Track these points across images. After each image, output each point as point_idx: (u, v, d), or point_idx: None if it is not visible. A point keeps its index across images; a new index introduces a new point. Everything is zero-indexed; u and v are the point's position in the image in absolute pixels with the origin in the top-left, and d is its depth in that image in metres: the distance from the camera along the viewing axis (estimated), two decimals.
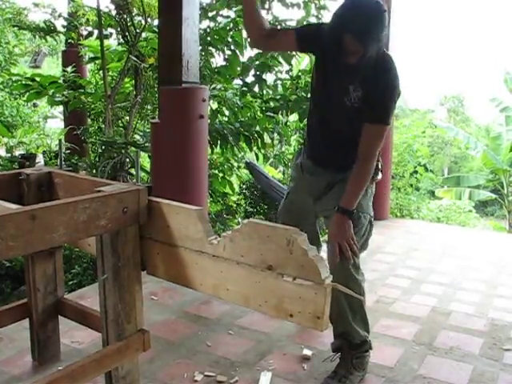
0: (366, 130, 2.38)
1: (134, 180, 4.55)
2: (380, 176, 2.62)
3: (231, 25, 5.72)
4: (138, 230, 1.99)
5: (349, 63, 2.31)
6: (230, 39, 5.72)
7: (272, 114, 5.92)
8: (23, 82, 6.46)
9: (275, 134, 6.18)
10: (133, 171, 5.10)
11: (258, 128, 5.83)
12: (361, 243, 2.51)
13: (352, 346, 2.55)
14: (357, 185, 2.42)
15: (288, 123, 6.64)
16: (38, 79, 6.47)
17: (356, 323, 2.52)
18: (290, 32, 2.61)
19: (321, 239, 3.05)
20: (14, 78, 6.87)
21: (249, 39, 2.85)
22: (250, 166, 5.99)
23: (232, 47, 5.79)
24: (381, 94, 2.35)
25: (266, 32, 2.56)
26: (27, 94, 6.57)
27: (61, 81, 6.74)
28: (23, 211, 1.62)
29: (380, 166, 2.60)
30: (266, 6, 6.08)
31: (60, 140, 2.69)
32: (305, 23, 6.18)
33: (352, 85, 2.38)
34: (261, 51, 5.97)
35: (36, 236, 1.64)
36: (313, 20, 6.23)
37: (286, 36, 2.60)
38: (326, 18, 6.29)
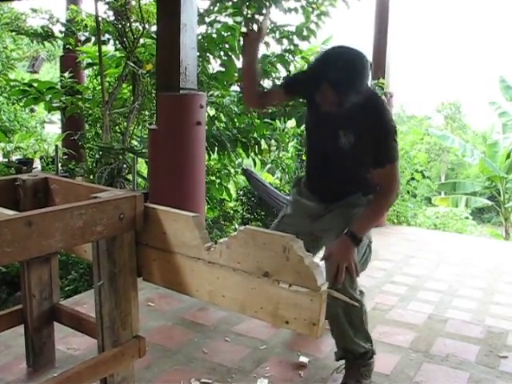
0: (379, 174, 2.44)
1: (131, 186, 4.54)
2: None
3: (227, 31, 5.71)
4: (134, 237, 1.99)
5: (331, 111, 2.36)
6: (226, 45, 5.71)
7: (269, 121, 5.92)
8: (21, 88, 6.45)
9: (272, 141, 6.17)
10: (130, 177, 5.10)
11: (255, 134, 5.83)
12: (359, 265, 2.50)
13: (357, 357, 2.53)
14: (373, 216, 2.50)
15: (285, 129, 6.63)
16: (35, 85, 6.47)
17: (358, 338, 2.50)
18: (277, 90, 2.82)
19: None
20: (11, 84, 6.85)
21: (244, 100, 2.97)
22: (246, 173, 5.98)
23: (228, 53, 5.78)
24: (383, 136, 2.40)
25: (259, 94, 2.77)
26: (25, 99, 6.56)
27: (58, 86, 6.74)
28: (19, 217, 1.62)
29: None
30: (264, 11, 6.08)
31: (57, 146, 2.70)
32: (304, 29, 6.19)
33: (342, 130, 2.44)
34: (258, 58, 5.98)
35: (32, 242, 1.63)
36: (312, 27, 6.23)
37: (276, 94, 2.82)
38: (327, 24, 6.32)
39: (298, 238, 1.66)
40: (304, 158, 6.60)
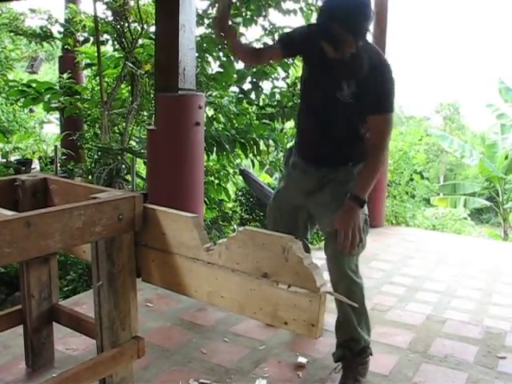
0: (374, 121, 2.43)
1: (130, 187, 4.54)
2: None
3: None
4: (133, 237, 1.99)
5: (340, 58, 2.35)
6: (225, 46, 5.71)
7: (268, 122, 5.93)
8: (19, 88, 6.45)
9: (271, 141, 6.18)
10: (129, 178, 5.10)
11: (253, 135, 5.83)
12: (360, 244, 2.48)
13: (355, 354, 2.55)
14: (371, 174, 2.46)
15: (284, 130, 6.64)
16: (34, 85, 6.47)
17: (361, 328, 2.53)
18: (275, 49, 2.74)
19: (310, 247, 3.01)
20: (10, 84, 6.85)
21: (238, 57, 2.92)
22: (243, 174, 5.99)
23: (227, 54, 5.78)
24: (383, 85, 2.40)
25: (252, 51, 2.77)
26: (23, 99, 6.56)
27: (57, 87, 6.74)
28: (18, 218, 1.62)
29: None
30: (263, 13, 6.09)
31: (56, 146, 2.68)
32: None
33: (345, 80, 2.40)
34: None
35: (31, 243, 1.64)
36: None
37: (272, 52, 2.77)
38: None
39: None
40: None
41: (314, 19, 6.19)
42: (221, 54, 5.86)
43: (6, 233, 1.56)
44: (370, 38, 2.41)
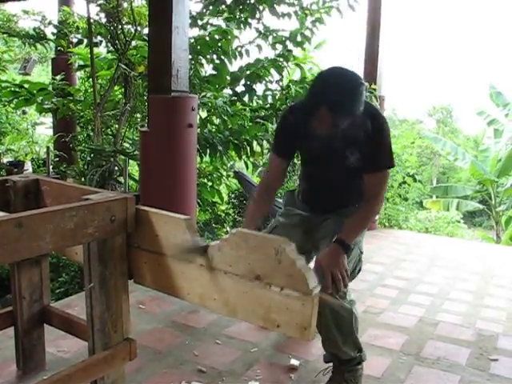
0: (371, 178, 2.47)
1: (123, 188, 4.53)
2: (377, 217, 2.69)
3: (219, 34, 5.71)
4: (125, 239, 1.98)
5: (331, 136, 2.38)
6: (219, 48, 5.71)
7: (261, 121, 5.92)
8: (12, 89, 6.42)
9: (264, 142, 6.17)
10: (121, 179, 5.08)
11: (247, 136, 5.83)
12: (351, 276, 2.48)
13: (341, 362, 2.54)
14: (360, 223, 2.50)
15: None
16: (26, 86, 6.44)
17: (346, 346, 2.49)
18: (275, 162, 2.71)
19: None
20: (2, 85, 6.81)
21: None
22: (238, 176, 5.97)
23: (221, 56, 5.78)
24: (379, 146, 2.44)
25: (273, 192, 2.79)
26: (15, 100, 6.53)
27: (50, 88, 6.71)
28: (9, 218, 1.61)
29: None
30: (257, 15, 6.09)
31: (48, 147, 2.67)
32: (298, 36, 6.19)
33: (348, 150, 2.46)
34: (250, 61, 6.00)
35: (22, 244, 1.62)
36: (307, 33, 6.24)
37: (276, 167, 2.72)
38: (321, 31, 6.33)
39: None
40: (296, 161, 6.60)
41: (308, 23, 6.21)
42: (214, 56, 5.86)
43: None
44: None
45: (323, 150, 2.52)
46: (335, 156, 2.50)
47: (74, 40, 6.90)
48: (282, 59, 6.05)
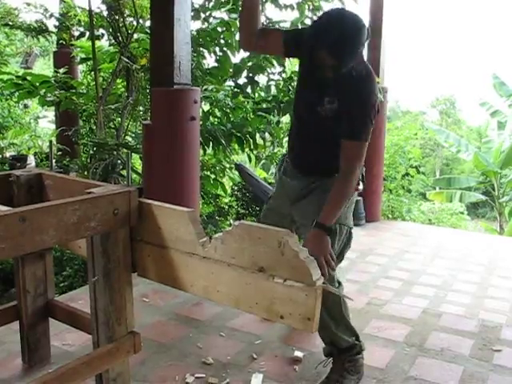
0: (344, 147, 2.36)
1: (125, 182, 4.53)
2: (362, 186, 2.60)
3: (222, 26, 5.70)
4: (128, 232, 1.99)
5: (324, 76, 2.32)
6: (222, 40, 5.70)
7: (263, 114, 5.91)
8: (14, 81, 6.41)
9: (267, 134, 6.17)
10: (124, 173, 5.08)
11: (249, 129, 5.82)
12: (336, 255, 2.43)
13: (341, 351, 2.54)
14: (336, 202, 2.37)
15: (280, 124, 6.62)
16: (29, 78, 6.43)
17: (340, 331, 2.50)
18: (277, 34, 2.59)
19: None
20: (4, 78, 6.79)
21: (240, 39, 2.80)
22: (239, 168, 5.97)
23: (224, 48, 5.77)
24: (358, 110, 2.34)
25: (257, 32, 2.54)
26: (18, 93, 6.52)
27: (52, 80, 6.70)
28: (13, 213, 1.61)
29: (362, 176, 2.58)
30: (260, 7, 6.07)
31: (51, 141, 2.68)
32: (299, 25, 6.18)
33: (327, 97, 2.38)
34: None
35: (26, 238, 1.63)
36: (308, 22, 6.23)
37: (274, 37, 2.57)
38: None
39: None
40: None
41: (308, 12, 6.19)
42: (217, 48, 5.84)
43: (0, 228, 1.55)
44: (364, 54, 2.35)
45: (308, 87, 2.48)
46: (314, 96, 2.42)
47: (76, 33, 6.89)
48: None
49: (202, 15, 5.95)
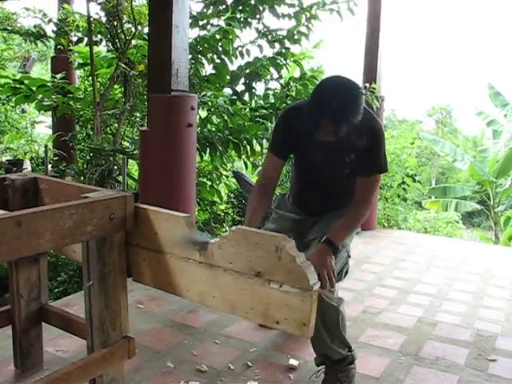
0: (364, 182, 2.50)
1: (121, 187, 4.52)
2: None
3: (221, 34, 5.71)
4: (124, 237, 1.98)
5: (329, 141, 2.38)
6: (219, 48, 5.71)
7: (261, 120, 5.92)
8: (11, 85, 6.40)
9: (264, 141, 6.16)
10: (121, 178, 5.07)
11: (247, 135, 5.82)
12: (338, 276, 2.49)
13: (334, 362, 2.53)
14: (349, 225, 2.50)
15: None
16: (26, 82, 6.42)
17: (335, 345, 2.49)
18: (272, 161, 2.68)
19: None
20: (2, 82, 6.79)
21: None
22: (236, 175, 5.96)
23: (222, 56, 5.77)
24: (374, 151, 2.46)
25: (272, 191, 2.72)
26: (15, 97, 6.51)
27: (50, 85, 6.70)
28: (9, 217, 1.60)
29: None
30: (258, 16, 6.09)
31: (46, 145, 2.67)
32: (295, 33, 6.20)
33: (345, 154, 2.48)
34: (250, 60, 5.99)
35: (22, 242, 1.62)
36: (303, 29, 6.25)
37: (275, 167, 2.69)
38: (316, 27, 6.33)
39: None
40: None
41: (304, 21, 6.21)
42: (215, 56, 5.85)
43: None
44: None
45: (321, 153, 2.52)
46: (333, 160, 2.51)
47: (74, 39, 6.90)
48: (280, 57, 6.05)
49: (201, 23, 5.97)
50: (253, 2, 6.06)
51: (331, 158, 2.50)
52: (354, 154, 2.46)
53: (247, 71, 5.99)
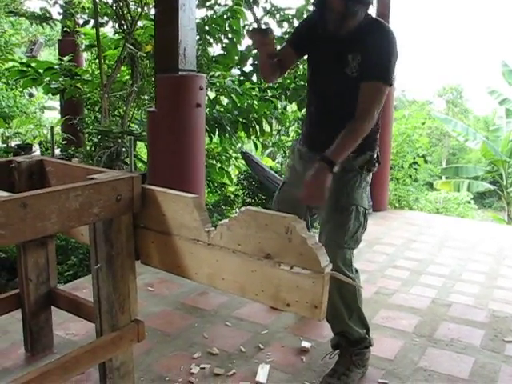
0: (363, 88, 2.29)
1: (128, 168, 4.49)
2: (376, 167, 2.55)
3: (228, 13, 5.64)
4: (131, 219, 1.94)
5: (342, 35, 2.31)
6: (227, 27, 5.64)
7: (270, 98, 5.86)
8: (19, 68, 6.37)
9: (274, 121, 6.10)
10: (129, 161, 5.03)
11: (256, 115, 5.76)
12: (354, 237, 2.41)
13: (350, 343, 2.49)
14: (347, 140, 2.27)
15: (286, 111, 6.56)
16: (33, 65, 6.39)
17: (353, 322, 2.46)
18: (287, 51, 2.62)
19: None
20: (9, 64, 6.76)
21: (264, 80, 2.82)
22: (245, 156, 5.91)
23: (230, 36, 5.71)
24: (378, 53, 2.29)
25: (276, 74, 2.65)
26: (22, 80, 6.48)
27: (57, 68, 6.67)
28: (14, 199, 1.56)
29: (377, 158, 2.52)
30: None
31: (52, 127, 2.60)
32: (304, 12, 6.12)
33: (350, 54, 2.33)
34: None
35: (27, 224, 1.59)
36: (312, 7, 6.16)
37: (287, 56, 2.62)
38: None
39: (296, 212, 1.63)
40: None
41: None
42: (223, 36, 5.78)
43: (1, 214, 1.51)
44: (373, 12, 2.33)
45: (327, 53, 2.42)
46: (336, 61, 2.37)
47: (81, 21, 6.85)
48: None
49: (208, 3, 5.90)
50: None
51: (338, 59, 2.36)
52: (359, 53, 2.30)
53: (255, 51, 5.92)
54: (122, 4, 5.56)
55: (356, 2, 2.23)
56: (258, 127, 5.77)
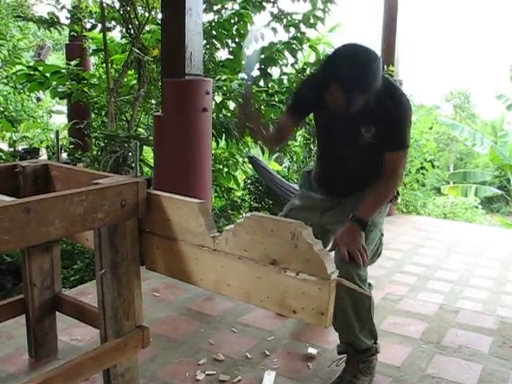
0: (388, 157, 2.40)
1: (133, 173, 4.49)
2: (399, 200, 2.60)
3: (236, 17, 5.64)
4: (136, 224, 1.92)
5: (342, 112, 2.30)
6: (234, 32, 5.64)
7: (277, 104, 5.84)
8: (26, 72, 6.39)
9: None
10: None
11: (263, 120, 5.75)
12: (372, 259, 2.44)
13: (358, 352, 2.46)
14: (377, 200, 2.40)
15: None
16: (40, 69, 6.40)
17: (363, 335, 2.43)
18: (289, 118, 2.66)
19: None
20: (17, 68, 6.79)
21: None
22: (252, 161, 5.90)
23: (237, 40, 5.70)
24: (398, 127, 2.36)
25: (279, 143, 2.78)
26: (29, 84, 6.50)
27: (64, 72, 6.68)
28: (17, 203, 1.55)
29: (397, 192, 2.62)
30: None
31: (57, 131, 2.59)
32: (311, 18, 6.10)
33: (363, 127, 2.37)
34: (265, 45, 5.92)
35: (31, 229, 1.57)
36: (319, 14, 6.14)
37: (289, 123, 2.67)
38: (333, 11, 6.23)
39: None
40: (312, 147, 6.53)
41: (320, 4, 6.10)
42: (230, 40, 5.78)
43: (4, 219, 1.49)
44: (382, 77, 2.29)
45: (337, 125, 2.44)
46: (349, 133, 2.42)
47: (88, 26, 6.87)
48: (295, 42, 5.96)
49: (215, 7, 5.90)
50: None
51: (346, 129, 2.41)
52: (373, 126, 2.36)
53: (262, 56, 5.92)
54: (129, 8, 5.57)
55: (360, 94, 2.20)
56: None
